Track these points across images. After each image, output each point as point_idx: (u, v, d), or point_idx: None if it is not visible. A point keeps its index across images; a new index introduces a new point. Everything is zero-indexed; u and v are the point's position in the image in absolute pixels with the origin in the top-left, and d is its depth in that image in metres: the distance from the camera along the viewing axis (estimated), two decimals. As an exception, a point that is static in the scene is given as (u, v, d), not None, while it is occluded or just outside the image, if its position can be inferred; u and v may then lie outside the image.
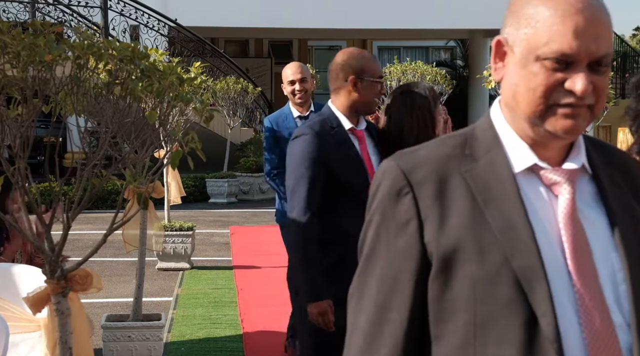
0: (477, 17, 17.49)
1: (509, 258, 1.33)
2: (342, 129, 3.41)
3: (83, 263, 2.64)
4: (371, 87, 3.44)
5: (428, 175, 1.39)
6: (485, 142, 1.43)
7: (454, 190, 1.38)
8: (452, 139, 1.46)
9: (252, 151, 14.09)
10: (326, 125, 3.40)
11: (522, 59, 1.37)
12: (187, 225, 8.38)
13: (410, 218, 1.38)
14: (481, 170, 1.39)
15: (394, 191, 1.40)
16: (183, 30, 15.70)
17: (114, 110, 2.60)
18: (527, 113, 1.37)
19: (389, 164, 1.44)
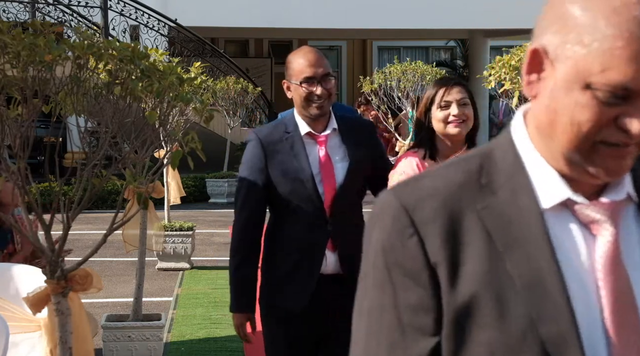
0: (477, 17, 17.49)
1: (536, 321, 1.07)
2: (297, 134, 3.17)
3: (83, 263, 2.64)
4: (297, 90, 3.16)
5: (437, 210, 1.12)
6: (505, 168, 1.14)
7: (468, 231, 1.11)
8: (465, 163, 1.17)
9: (252, 151, 14.07)
10: (278, 129, 3.20)
11: (566, 82, 1.08)
12: (187, 225, 8.38)
13: (420, 268, 1.11)
14: (501, 205, 1.12)
15: (395, 234, 1.13)
16: (183, 30, 15.69)
17: (114, 110, 2.60)
18: (566, 148, 1.09)
19: (386, 199, 1.16)
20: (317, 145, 3.17)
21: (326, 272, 3.17)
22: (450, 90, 3.17)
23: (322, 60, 3.16)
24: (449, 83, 3.21)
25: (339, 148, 3.20)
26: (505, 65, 5.51)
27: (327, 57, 3.24)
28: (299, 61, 3.15)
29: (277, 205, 3.21)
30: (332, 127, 3.20)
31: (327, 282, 3.16)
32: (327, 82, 3.13)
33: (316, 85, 3.10)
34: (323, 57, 3.18)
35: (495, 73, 5.59)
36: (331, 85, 3.15)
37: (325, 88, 3.12)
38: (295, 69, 3.14)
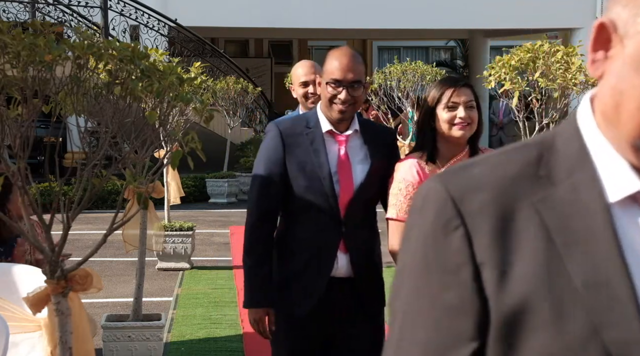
0: (477, 17, 17.49)
1: (599, 327, 0.95)
2: (318, 130, 3.12)
3: (83, 263, 2.64)
4: (323, 89, 3.12)
5: (487, 204, 1.00)
6: (568, 158, 1.02)
7: (522, 227, 0.99)
8: (522, 153, 1.05)
9: (252, 151, 14.09)
10: (300, 124, 3.15)
11: (635, 60, 0.97)
12: (187, 225, 8.38)
13: (463, 262, 1.00)
14: (562, 198, 0.99)
15: (440, 224, 1.01)
16: (183, 30, 15.70)
17: (114, 110, 2.60)
18: (631, 135, 0.98)
19: (432, 186, 1.04)
20: (337, 144, 3.14)
21: (336, 275, 3.12)
22: (459, 91, 3.10)
23: (356, 66, 3.08)
24: (458, 84, 3.13)
25: (360, 149, 3.17)
26: (505, 65, 5.51)
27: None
28: (333, 62, 3.09)
29: (290, 202, 3.14)
30: (355, 128, 3.17)
31: (336, 285, 3.12)
32: (354, 89, 3.06)
33: (342, 90, 3.05)
34: (359, 63, 3.09)
35: (495, 73, 5.59)
36: (358, 93, 3.07)
37: (351, 94, 3.05)
38: (327, 68, 3.10)
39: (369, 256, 3.21)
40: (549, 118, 5.70)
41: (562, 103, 5.67)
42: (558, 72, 5.39)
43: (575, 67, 5.42)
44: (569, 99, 5.74)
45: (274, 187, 3.11)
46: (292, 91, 4.65)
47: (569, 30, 17.99)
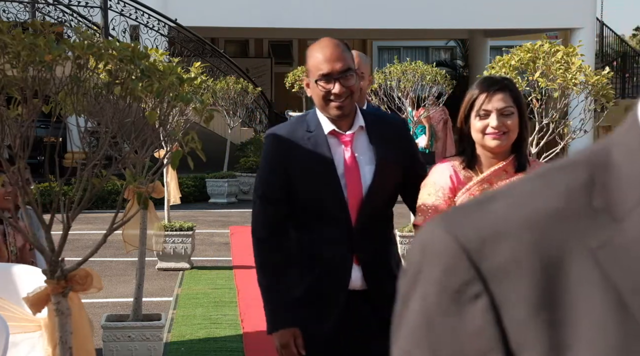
0: (477, 17, 17.50)
1: None
2: (320, 133, 2.86)
3: (83, 263, 2.64)
4: (314, 89, 2.83)
5: (519, 258, 0.67)
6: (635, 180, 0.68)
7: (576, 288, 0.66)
8: (563, 176, 0.71)
9: (252, 151, 14.09)
10: (300, 128, 2.89)
11: None
12: (187, 225, 8.38)
13: (488, 349, 0.66)
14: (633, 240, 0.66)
15: (451, 291, 0.68)
16: (183, 30, 15.70)
17: (114, 110, 2.60)
18: None
19: (435, 234, 0.71)
20: (343, 145, 2.87)
21: (352, 288, 2.89)
22: (492, 97, 2.79)
23: (342, 53, 2.82)
24: (491, 88, 2.81)
25: (367, 148, 2.89)
26: (505, 65, 5.51)
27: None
28: (315, 56, 2.81)
29: (298, 213, 2.91)
30: (359, 125, 2.89)
31: (352, 299, 2.89)
32: (346, 79, 2.78)
33: (333, 83, 2.77)
34: (344, 49, 2.85)
35: (495, 73, 5.59)
36: (352, 81, 2.79)
37: (344, 85, 2.77)
38: (312, 64, 2.82)
39: (385, 266, 2.94)
40: (549, 118, 5.70)
41: (562, 103, 5.67)
42: (558, 72, 5.39)
43: (575, 67, 5.42)
44: (569, 99, 5.74)
45: (279, 200, 2.88)
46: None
47: (569, 30, 17.99)
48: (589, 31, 17.65)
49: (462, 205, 0.75)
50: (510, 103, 2.80)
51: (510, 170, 2.85)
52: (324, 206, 2.86)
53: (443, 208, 2.78)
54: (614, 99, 5.81)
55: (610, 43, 22.43)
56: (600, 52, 21.05)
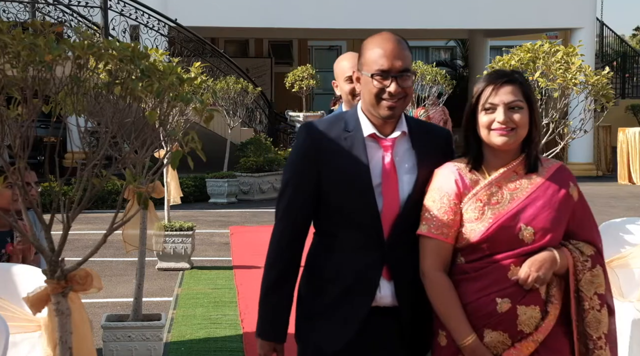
0: (477, 17, 17.50)
1: None
2: (359, 134, 2.65)
3: (83, 263, 2.64)
4: (367, 84, 2.65)
5: None
6: None
7: None
8: None
9: (252, 151, 14.10)
10: (337, 126, 2.68)
11: None
12: (187, 225, 8.38)
13: None
14: None
15: None
16: (183, 30, 15.70)
17: (114, 110, 2.60)
18: None
19: None
20: (382, 150, 2.65)
21: (379, 304, 2.66)
22: (499, 90, 2.61)
23: (403, 51, 2.63)
24: (498, 81, 2.63)
25: (408, 156, 2.67)
26: (505, 65, 5.51)
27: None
28: (375, 50, 2.61)
29: (324, 219, 2.71)
30: (402, 130, 2.68)
31: (378, 316, 2.66)
32: (404, 79, 2.60)
33: (390, 81, 2.58)
34: (405, 48, 2.64)
35: (495, 73, 5.58)
36: (409, 83, 2.61)
37: (401, 85, 2.59)
38: (369, 58, 2.62)
39: (417, 282, 2.69)
40: (549, 118, 5.70)
41: (562, 103, 5.66)
42: (558, 72, 5.39)
43: (575, 67, 5.42)
44: (569, 99, 5.73)
45: (303, 201, 2.68)
46: (335, 88, 4.01)
47: (569, 30, 17.99)
48: (589, 31, 17.64)
49: None
50: (520, 97, 2.61)
51: (521, 171, 2.67)
52: (354, 214, 2.63)
53: (449, 217, 2.63)
54: (614, 99, 5.81)
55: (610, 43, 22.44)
56: (600, 52, 21.06)
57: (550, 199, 2.65)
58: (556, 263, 2.61)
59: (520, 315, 2.58)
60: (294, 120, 16.87)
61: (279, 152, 14.88)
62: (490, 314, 2.59)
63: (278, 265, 2.74)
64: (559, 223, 2.65)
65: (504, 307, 2.59)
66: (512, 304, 2.58)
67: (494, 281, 2.60)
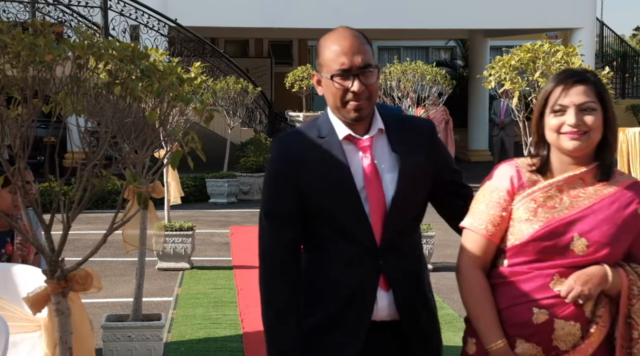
0: (477, 17, 17.50)
1: None
2: (334, 139, 2.47)
3: (83, 263, 2.64)
4: (328, 86, 2.44)
5: None
6: None
7: None
8: None
9: (252, 151, 14.10)
10: (310, 134, 2.50)
11: None
12: (187, 225, 8.38)
13: None
14: None
15: None
16: (183, 30, 15.71)
17: (114, 110, 2.60)
18: None
19: None
20: (360, 152, 2.47)
21: (377, 318, 2.47)
22: (569, 90, 2.39)
23: (362, 45, 2.42)
24: (569, 80, 2.41)
25: (388, 154, 2.48)
26: (505, 65, 5.51)
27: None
28: (331, 48, 2.41)
29: (311, 235, 2.51)
30: (378, 128, 2.50)
31: (376, 332, 2.48)
32: (366, 76, 2.41)
33: (352, 80, 2.40)
34: (364, 42, 2.43)
35: (495, 73, 5.59)
36: (373, 79, 2.43)
37: (364, 83, 2.40)
38: (327, 58, 2.42)
39: (417, 291, 2.55)
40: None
41: (562, 103, 5.66)
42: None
43: (575, 67, 5.42)
44: (569, 99, 5.73)
45: (288, 219, 2.48)
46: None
47: (569, 30, 17.99)
48: (589, 31, 17.65)
49: None
50: (592, 98, 2.38)
51: (589, 178, 2.45)
52: (342, 223, 2.44)
53: (495, 213, 2.46)
54: (614, 99, 5.81)
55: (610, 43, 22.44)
56: (600, 52, 21.06)
57: (614, 214, 2.42)
58: (606, 281, 2.38)
59: (558, 330, 2.38)
60: (294, 120, 16.88)
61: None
62: (525, 324, 2.41)
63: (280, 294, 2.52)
64: (617, 241, 2.41)
65: (540, 318, 2.40)
66: (549, 316, 2.39)
67: (534, 289, 2.41)
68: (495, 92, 6.21)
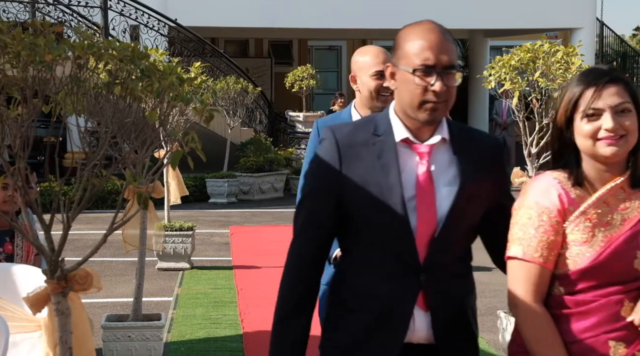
0: (477, 17, 17.50)
1: None
2: (389, 139, 2.27)
3: (83, 263, 2.64)
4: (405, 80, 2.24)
5: None
6: None
7: None
8: None
9: (252, 151, 14.10)
10: (365, 130, 2.30)
11: None
12: (187, 225, 8.39)
13: None
14: None
15: None
16: (183, 30, 15.71)
17: (114, 110, 2.60)
18: None
19: None
20: (417, 158, 2.26)
21: (412, 340, 2.28)
22: (602, 91, 2.19)
23: (449, 44, 2.22)
24: (600, 81, 2.20)
25: (448, 166, 2.27)
26: (505, 65, 5.51)
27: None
28: (416, 42, 2.20)
29: (347, 237, 2.34)
30: (441, 136, 2.28)
31: (410, 355, 2.29)
32: (449, 77, 2.20)
33: (436, 78, 2.19)
34: (451, 40, 2.24)
35: (495, 73, 5.59)
36: (455, 82, 2.22)
37: (447, 84, 2.20)
38: (409, 50, 2.21)
39: (459, 315, 2.34)
40: (549, 118, 5.70)
41: (562, 103, 5.66)
42: (558, 72, 5.39)
43: (575, 67, 5.42)
44: (569, 99, 5.73)
45: (327, 216, 2.29)
46: (355, 85, 3.51)
47: (569, 30, 17.99)
48: (588, 31, 17.65)
49: None
50: (627, 98, 2.19)
51: (627, 187, 2.24)
52: (384, 234, 2.25)
53: (549, 237, 2.21)
54: (614, 99, 5.80)
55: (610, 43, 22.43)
56: (600, 52, 21.05)
57: None
58: None
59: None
60: (294, 120, 16.88)
61: (279, 152, 14.89)
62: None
63: (296, 289, 2.32)
64: None
65: (619, 352, 2.14)
66: (628, 349, 2.14)
67: (604, 319, 2.16)
68: (495, 92, 6.21)
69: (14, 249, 4.35)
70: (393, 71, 2.27)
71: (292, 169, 14.52)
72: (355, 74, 3.50)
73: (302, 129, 16.49)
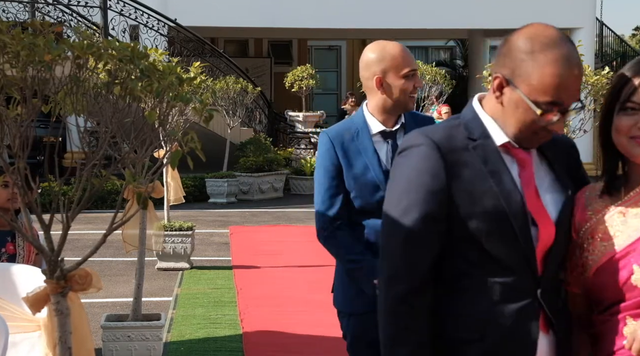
0: (477, 17, 17.50)
1: None
2: (489, 144, 2.01)
3: (83, 263, 2.64)
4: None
5: None
6: None
7: None
8: None
9: (252, 151, 14.10)
10: (458, 132, 2.04)
11: None
12: (187, 225, 8.39)
13: None
14: None
15: None
16: (183, 30, 15.71)
17: (113, 110, 2.60)
18: None
19: None
20: (517, 165, 2.03)
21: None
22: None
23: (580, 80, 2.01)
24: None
25: (544, 171, 2.08)
26: (504, 65, 5.51)
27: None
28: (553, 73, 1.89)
29: (456, 255, 2.00)
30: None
31: None
32: (569, 115, 1.99)
33: (558, 117, 1.93)
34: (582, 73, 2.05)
35: (494, 73, 5.59)
36: (568, 119, 2.11)
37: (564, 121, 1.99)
38: (541, 80, 1.90)
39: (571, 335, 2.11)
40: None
41: (562, 103, 5.66)
42: (558, 72, 5.39)
43: None
44: (568, 99, 5.73)
45: (438, 236, 1.98)
46: (377, 85, 3.04)
47: (568, 30, 17.99)
48: (588, 31, 17.64)
49: None
50: None
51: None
52: (503, 249, 1.97)
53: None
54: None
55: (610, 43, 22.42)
56: (600, 52, 21.04)
57: None
58: None
59: None
60: (294, 120, 16.87)
61: (279, 152, 14.89)
62: None
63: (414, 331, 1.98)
64: None
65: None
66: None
67: (612, 341, 1.96)
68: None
69: (16, 249, 4.35)
70: (502, 83, 1.99)
71: (291, 169, 14.52)
72: (379, 75, 3.01)
73: (301, 129, 16.49)
